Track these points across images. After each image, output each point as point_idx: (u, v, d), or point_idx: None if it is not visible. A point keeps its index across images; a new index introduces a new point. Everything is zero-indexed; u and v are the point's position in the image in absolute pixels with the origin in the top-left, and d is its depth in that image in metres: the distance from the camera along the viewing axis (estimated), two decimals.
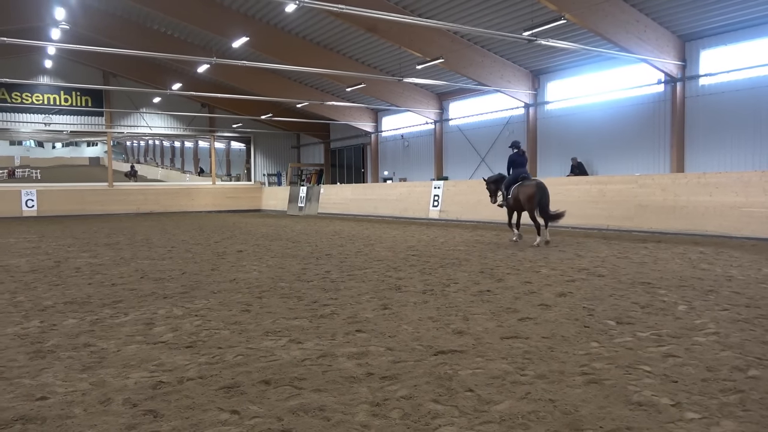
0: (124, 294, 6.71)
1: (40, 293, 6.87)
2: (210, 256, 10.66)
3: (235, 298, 6.31)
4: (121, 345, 4.51)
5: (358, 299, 6.15)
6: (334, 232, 16.27)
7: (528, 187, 11.76)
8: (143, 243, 13.68)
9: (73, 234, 17.10)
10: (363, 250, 11.29)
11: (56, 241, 14.69)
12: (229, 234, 16.30)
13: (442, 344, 4.39)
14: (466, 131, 26.61)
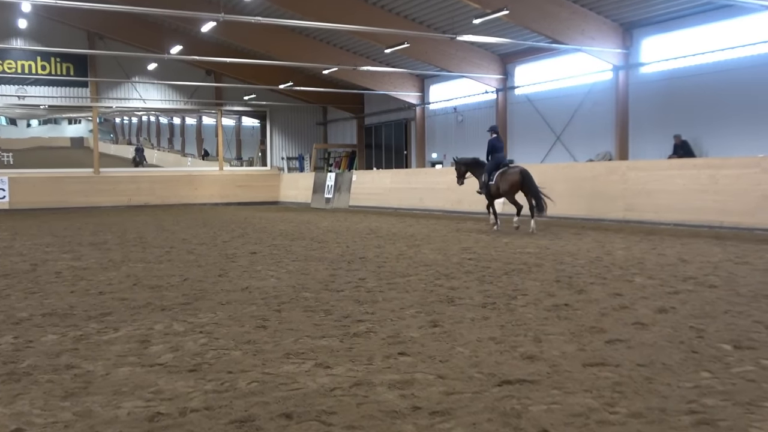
0: (113, 305, 6.88)
1: (14, 303, 7.09)
2: (217, 258, 10.84)
3: (248, 311, 6.40)
4: (110, 367, 4.62)
5: (400, 314, 6.15)
6: (369, 230, 16.33)
7: (511, 175, 14.38)
8: (136, 242, 14.01)
9: (52, 231, 17.65)
10: (406, 252, 11.30)
11: (32, 239, 15.18)
12: (241, 232, 16.56)
13: (507, 372, 4.35)
14: (536, 102, 26.29)
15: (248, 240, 14.20)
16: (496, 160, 15.06)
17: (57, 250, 12.58)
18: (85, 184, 32.77)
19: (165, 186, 34.05)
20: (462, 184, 16.12)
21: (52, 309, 6.70)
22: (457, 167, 16.01)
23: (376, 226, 17.64)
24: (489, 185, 14.98)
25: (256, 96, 37.27)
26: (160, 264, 10.24)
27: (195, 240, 14.41)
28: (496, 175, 14.84)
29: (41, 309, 6.71)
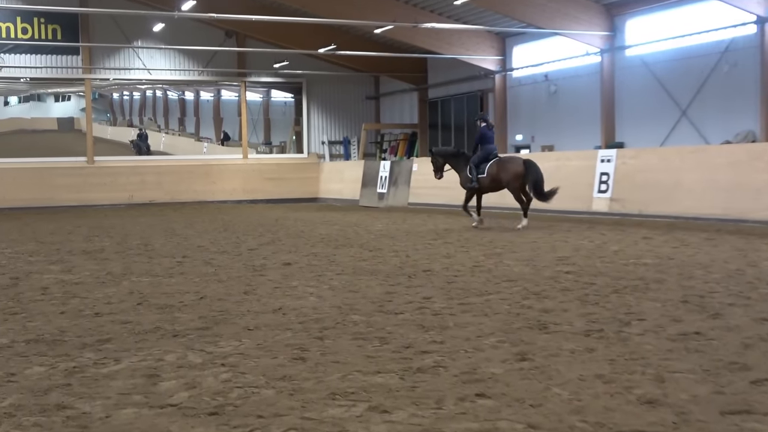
0: (113, 329, 7.04)
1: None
2: (242, 271, 10.99)
3: (281, 339, 6.46)
4: (110, 408, 4.72)
5: (477, 344, 6.12)
6: (435, 234, 16.32)
7: (514, 165, 16.78)
8: (140, 250, 14.33)
9: (36, 236, 18.17)
10: (483, 263, 11.27)
11: (12, 246, 15.65)
12: (271, 237, 16.76)
13: (620, 421, 4.29)
14: (654, 66, 25.84)
15: (281, 247, 14.35)
16: (486, 151, 17.28)
17: (43, 260, 12.92)
18: (76, 176, 33.58)
19: (175, 179, 34.62)
20: (440, 178, 18.25)
21: (38, 334, 6.88)
22: (433, 159, 18.15)
23: (444, 229, 17.61)
24: (479, 179, 17.10)
25: (290, 63, 37.57)
26: (170, 278, 10.41)
27: (214, 247, 14.64)
28: (488, 166, 17.02)
29: (24, 334, 6.89)
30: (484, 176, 17.08)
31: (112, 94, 39.09)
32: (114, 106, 39.28)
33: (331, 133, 40.09)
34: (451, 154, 18.24)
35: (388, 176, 29.56)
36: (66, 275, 10.94)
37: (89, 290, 9.44)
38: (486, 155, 17.24)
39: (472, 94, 34.47)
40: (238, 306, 8.07)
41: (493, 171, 17.04)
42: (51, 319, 7.63)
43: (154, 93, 39.25)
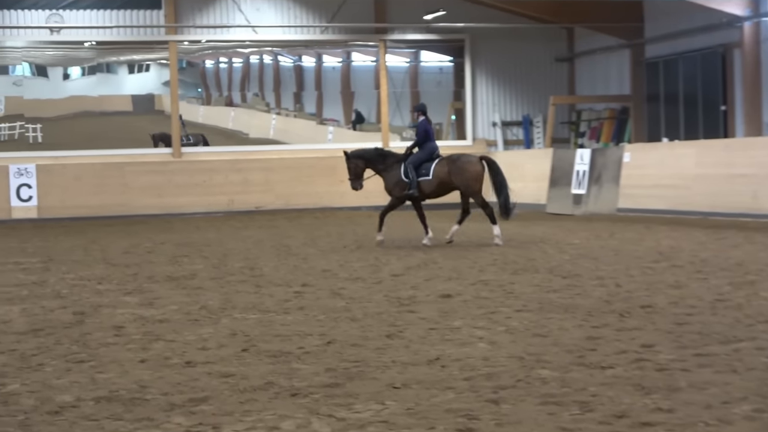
0: (210, 385, 7.22)
1: (50, 378, 7.63)
2: (383, 305, 11.08)
3: (440, 401, 6.45)
4: None
5: (722, 413, 5.95)
6: (656, 255, 16.00)
7: (471, 163, 18.81)
8: (244, 276, 14.66)
9: (106, 256, 18.84)
10: (728, 295, 10.99)
11: (75, 270, 16.29)
12: (422, 258, 16.77)
13: None
14: None
15: (436, 273, 14.38)
16: (429, 150, 19.07)
17: (115, 289, 13.39)
18: (157, 174, 34.38)
19: (290, 177, 34.93)
20: (360, 188, 19.84)
21: (111, 390, 7.11)
22: (350, 164, 19.54)
23: (671, 246, 17.24)
24: (420, 182, 18.75)
25: (447, 13, 37.48)
26: (285, 314, 10.60)
27: (344, 272, 14.82)
28: (434, 166, 18.72)
29: (94, 390, 7.15)
30: (429, 178, 18.76)
31: (204, 62, 39.85)
32: (207, 78, 40.02)
33: (506, 111, 39.86)
34: (373, 156, 19.71)
35: (588, 171, 29.20)
36: (146, 310, 11.29)
37: (177, 330, 9.72)
38: (429, 154, 19.00)
39: (709, 50, 33.57)
40: (380, 355, 8.12)
41: (442, 172, 18.72)
42: (127, 369, 7.88)
43: (261, 59, 39.80)
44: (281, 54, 39.40)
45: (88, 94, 38.26)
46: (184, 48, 37.19)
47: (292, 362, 7.92)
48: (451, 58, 39.97)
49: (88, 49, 36.91)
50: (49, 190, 32.74)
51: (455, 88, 39.91)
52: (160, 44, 36.15)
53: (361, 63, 40.20)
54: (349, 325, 9.75)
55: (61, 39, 35.49)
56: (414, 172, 18.77)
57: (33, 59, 37.61)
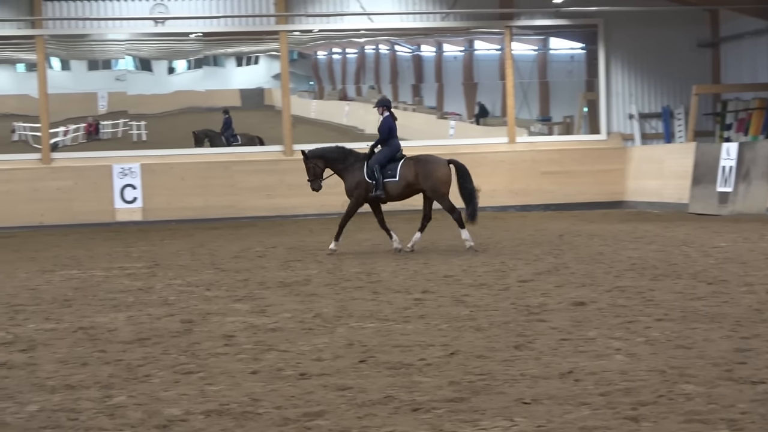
0: (326, 398, 7.25)
1: (157, 390, 7.80)
2: (510, 314, 11.04)
3: (574, 418, 6.42)
4: None
5: None
6: None
7: (439, 166, 19.24)
8: (361, 281, 14.76)
9: (215, 261, 19.10)
10: None
11: (183, 275, 16.55)
12: (553, 262, 16.64)
13: None
14: None
15: (568, 279, 14.31)
16: (393, 148, 19.41)
17: (225, 296, 13.59)
18: (268, 174, 34.63)
19: None
20: (319, 189, 20.30)
21: (222, 403, 7.23)
22: (308, 164, 19.96)
23: None
24: (387, 184, 19.15)
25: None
26: (405, 323, 10.65)
27: (467, 278, 14.83)
28: (401, 168, 19.09)
29: (203, 403, 7.28)
30: (396, 180, 19.16)
31: (317, 54, 40.05)
32: (320, 70, 40.21)
33: (644, 102, 39.39)
34: (333, 155, 20.07)
35: (735, 167, 28.73)
36: (258, 318, 11.44)
37: (291, 340, 9.84)
38: (393, 153, 19.36)
39: None
40: (507, 367, 8.12)
41: (409, 173, 19.12)
42: (239, 381, 8.00)
43: (377, 49, 39.86)
44: (399, 43, 39.41)
45: (194, 89, 38.71)
46: (295, 38, 37.42)
47: (413, 375, 7.96)
48: (583, 45, 39.61)
49: (194, 41, 37.35)
50: (154, 191, 33.14)
51: (587, 78, 39.56)
52: (269, 35, 36.42)
53: (485, 52, 40.03)
54: (474, 335, 9.75)
55: (165, 31, 35.97)
56: (380, 173, 19.07)
57: (136, 53, 38.23)
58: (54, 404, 7.50)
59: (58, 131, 36.00)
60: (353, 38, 38.70)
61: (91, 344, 10.11)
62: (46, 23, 33.53)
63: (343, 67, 40.18)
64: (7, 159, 33.39)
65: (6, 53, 41.81)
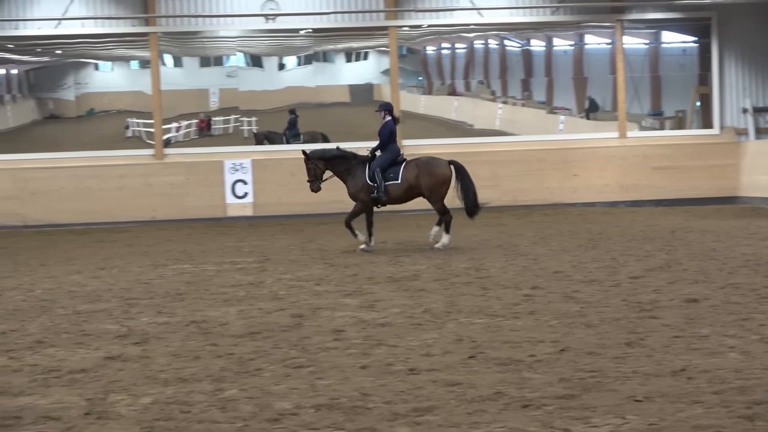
0: (435, 393, 7.27)
1: (268, 384, 7.92)
2: (621, 310, 10.96)
3: (687, 417, 6.36)
4: None
5: None
6: None
7: (440, 167, 19.59)
8: (470, 277, 14.70)
9: (325, 256, 19.22)
10: None
11: (293, 270, 16.69)
12: (665, 258, 16.42)
13: None
14: None
15: (681, 275, 14.15)
16: (394, 152, 19.80)
17: (335, 291, 13.69)
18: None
19: (517, 171, 34.80)
20: (318, 190, 20.78)
21: (332, 398, 7.30)
22: (309, 164, 20.26)
23: None
24: (388, 186, 19.40)
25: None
26: (515, 319, 10.65)
27: (577, 274, 14.76)
28: (403, 170, 19.36)
29: (313, 397, 7.35)
30: (398, 182, 19.37)
31: (425, 49, 40.08)
32: (429, 65, 40.25)
33: (759, 96, 38.73)
34: (334, 157, 20.33)
35: None
36: (367, 313, 11.52)
37: (400, 335, 9.89)
38: (394, 156, 19.67)
39: None
40: (618, 364, 8.07)
41: (411, 176, 19.36)
42: (348, 376, 8.07)
43: (487, 44, 39.78)
44: (508, 38, 39.28)
45: (304, 85, 38.97)
46: (404, 34, 37.47)
47: (522, 371, 7.95)
48: (696, 38, 39.10)
49: (304, 37, 37.60)
50: (265, 186, 33.42)
51: (700, 72, 38.99)
52: (379, 30, 36.51)
53: (596, 46, 39.72)
54: (585, 331, 9.71)
55: (276, 27, 36.27)
56: (381, 176, 19.30)
57: (247, 49, 38.58)
58: (167, 397, 7.65)
59: (171, 127, 36.48)
60: (462, 33, 38.63)
61: (203, 338, 10.29)
62: (160, 21, 33.98)
63: (452, 62, 40.13)
64: (121, 155, 33.92)
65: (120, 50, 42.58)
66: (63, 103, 47.20)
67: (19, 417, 7.35)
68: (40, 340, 10.54)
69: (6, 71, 61.42)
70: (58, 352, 9.84)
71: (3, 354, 9.88)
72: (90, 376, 8.65)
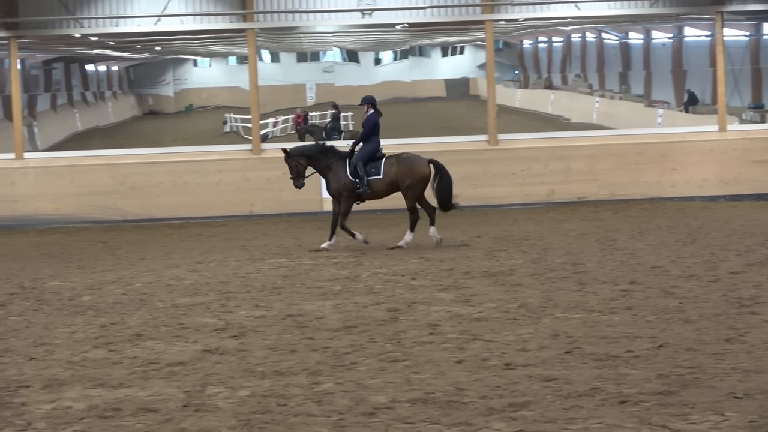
0: (531, 389, 7.26)
1: (364, 377, 7.96)
2: (721, 306, 10.83)
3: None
4: None
5: None
6: None
7: (419, 164, 19.68)
8: (566, 272, 14.63)
9: (419, 250, 19.19)
10: None
11: (388, 264, 16.73)
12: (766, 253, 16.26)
13: None
14: None
15: None
16: (375, 145, 19.83)
17: (430, 285, 13.71)
18: (472, 163, 34.56)
19: (615, 165, 34.51)
20: (301, 186, 20.43)
21: (427, 392, 7.31)
22: (291, 162, 20.01)
23: None
24: (371, 181, 19.41)
25: None
26: (611, 314, 10.57)
27: (675, 269, 14.59)
28: (385, 165, 19.53)
29: (409, 391, 7.38)
30: (380, 177, 19.46)
31: (522, 42, 39.98)
32: (525, 59, 40.14)
33: None
34: (315, 153, 20.30)
35: None
36: (462, 307, 11.51)
37: (495, 330, 9.88)
38: (374, 151, 19.73)
39: None
40: (718, 360, 7.99)
41: (391, 171, 19.53)
42: (444, 370, 8.08)
43: (584, 37, 39.54)
44: (605, 31, 38.99)
45: (400, 80, 39.20)
46: (500, 27, 37.39)
47: (620, 367, 7.90)
48: None
49: (401, 32, 37.69)
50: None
51: None
52: (475, 24, 36.49)
53: (695, 38, 39.27)
54: (683, 327, 9.61)
55: (372, 22, 36.39)
56: (363, 170, 19.37)
57: (344, 44, 38.85)
58: (264, 390, 7.73)
59: (268, 122, 36.88)
60: (559, 26, 38.47)
61: (299, 331, 10.38)
62: (257, 16, 34.19)
63: (548, 56, 40.04)
64: (218, 150, 34.30)
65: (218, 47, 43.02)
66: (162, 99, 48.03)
67: (118, 409, 7.50)
68: (139, 333, 10.74)
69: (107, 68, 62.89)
70: (157, 345, 10.02)
71: (103, 347, 10.08)
72: (188, 368, 8.79)
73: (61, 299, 13.60)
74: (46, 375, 8.86)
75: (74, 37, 37.07)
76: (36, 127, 46.60)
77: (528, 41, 39.71)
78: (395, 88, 38.25)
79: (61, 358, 9.58)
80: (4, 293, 14.36)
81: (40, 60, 52.18)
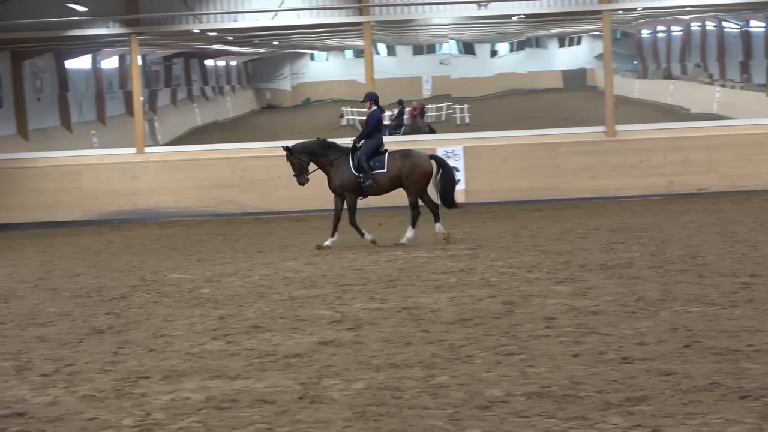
0: (649, 383, 7.20)
1: (477, 370, 7.96)
2: None
3: None
4: None
5: None
6: None
7: (422, 160, 19.60)
8: (685, 264, 14.42)
9: (536, 242, 19.09)
10: None
11: (504, 257, 16.66)
12: None
13: None
14: None
15: None
16: (378, 141, 19.79)
17: (546, 278, 13.63)
18: (589, 155, 34.25)
19: (736, 156, 33.91)
20: (305, 183, 20.36)
21: (543, 386, 7.28)
22: (292, 159, 20.04)
23: None
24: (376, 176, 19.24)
25: None
26: (732, 308, 10.41)
27: None
28: (389, 160, 19.38)
29: (524, 385, 7.35)
30: (384, 171, 19.34)
31: (640, 32, 39.52)
32: (643, 48, 39.67)
33: None
34: (317, 149, 20.08)
35: None
36: (579, 300, 11.45)
37: (612, 323, 9.79)
38: (377, 146, 19.65)
39: None
40: None
41: (395, 166, 19.37)
42: (560, 364, 8.03)
43: (704, 26, 38.89)
44: (726, 19, 38.33)
45: (517, 71, 39.08)
46: (618, 17, 37.00)
47: (740, 361, 7.78)
48: None
49: (517, 23, 37.50)
50: (477, 173, 33.41)
51: None
52: (592, 14, 36.19)
53: None
54: None
55: (488, 14, 36.34)
56: (367, 164, 19.32)
57: (460, 36, 38.83)
58: (379, 382, 7.76)
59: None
60: (678, 15, 37.92)
61: (414, 324, 10.41)
62: (373, 10, 34.31)
63: (667, 45, 39.50)
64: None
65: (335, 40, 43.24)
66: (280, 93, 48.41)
67: (236, 400, 7.59)
68: (256, 325, 10.88)
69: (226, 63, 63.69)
70: (274, 337, 10.14)
71: (221, 338, 10.23)
72: (304, 360, 8.88)
73: (180, 291, 13.86)
74: (165, 366, 9.02)
75: (193, 32, 37.59)
76: (157, 121, 47.48)
77: (646, 31, 39.19)
78: (512, 80, 38.13)
79: (180, 350, 9.75)
80: (125, 285, 14.69)
81: (160, 56, 53.13)
